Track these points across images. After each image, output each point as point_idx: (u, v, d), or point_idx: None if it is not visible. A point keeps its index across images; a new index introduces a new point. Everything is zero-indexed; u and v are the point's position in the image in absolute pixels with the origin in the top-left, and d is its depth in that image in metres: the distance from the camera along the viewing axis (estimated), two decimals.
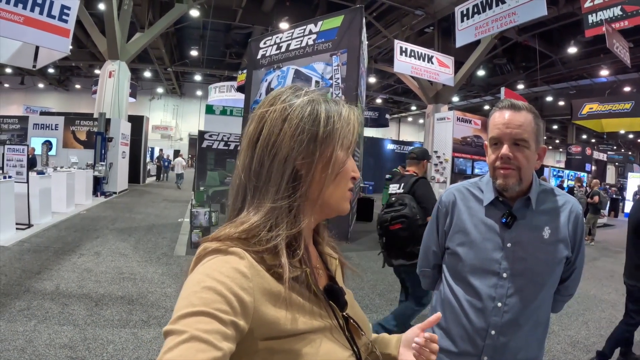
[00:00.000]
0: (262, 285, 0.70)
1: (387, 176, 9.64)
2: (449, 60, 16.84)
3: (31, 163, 10.11)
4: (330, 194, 0.81)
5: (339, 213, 0.86)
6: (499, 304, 1.47)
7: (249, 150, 0.81)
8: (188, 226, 8.37)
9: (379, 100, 33.05)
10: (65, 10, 10.85)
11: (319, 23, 8.58)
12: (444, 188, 15.01)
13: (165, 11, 17.94)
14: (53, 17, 10.56)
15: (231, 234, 0.75)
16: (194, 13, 17.57)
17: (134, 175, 19.25)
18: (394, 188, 3.87)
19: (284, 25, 16.68)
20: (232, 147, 12.93)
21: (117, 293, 5.04)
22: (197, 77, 33.46)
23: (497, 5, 11.47)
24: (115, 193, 15.43)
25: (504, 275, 1.48)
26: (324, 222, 0.94)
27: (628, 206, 21.29)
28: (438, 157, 15.03)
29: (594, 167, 26.05)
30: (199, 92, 38.40)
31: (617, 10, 8.71)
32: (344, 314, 0.85)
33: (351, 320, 0.86)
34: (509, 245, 1.49)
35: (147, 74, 32.75)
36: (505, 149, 1.45)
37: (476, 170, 15.53)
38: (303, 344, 0.73)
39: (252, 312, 0.68)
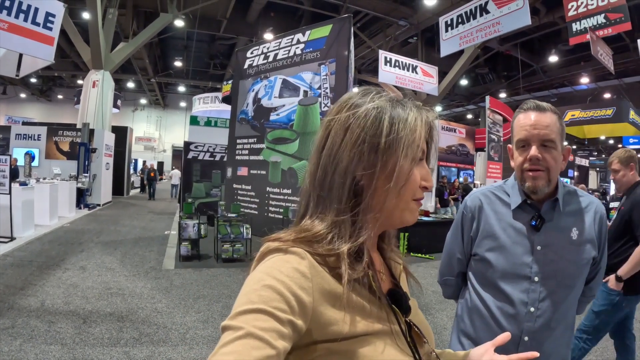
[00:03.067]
0: (322, 285, 0.70)
1: None
2: (433, 70, 16.99)
3: (13, 174, 9.88)
4: (394, 206, 0.78)
5: (403, 225, 0.83)
6: (532, 309, 1.45)
7: (315, 159, 0.81)
8: (175, 239, 8.26)
9: None
10: (50, 18, 10.70)
11: (307, 32, 8.57)
12: (429, 197, 15.11)
13: (149, 21, 17.87)
14: (37, 24, 10.40)
15: (294, 236, 0.75)
16: (179, 23, 17.52)
17: (118, 187, 18.98)
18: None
19: (268, 35, 16.69)
20: (217, 158, 12.84)
21: (106, 309, 4.89)
22: (181, 88, 33.31)
23: (481, 15, 11.60)
24: (99, 205, 15.18)
25: (535, 279, 1.46)
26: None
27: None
28: None
29: (576, 173, 26.44)
30: (182, 104, 38.23)
31: (600, 18, 8.86)
32: (407, 319, 0.83)
33: (414, 327, 0.84)
34: (538, 248, 1.47)
35: (131, 84, 32.49)
36: (534, 150, 1.44)
37: (460, 179, 15.63)
38: (362, 346, 0.71)
39: (311, 312, 0.67)
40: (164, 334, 4.29)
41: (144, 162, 28.08)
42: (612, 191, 16.97)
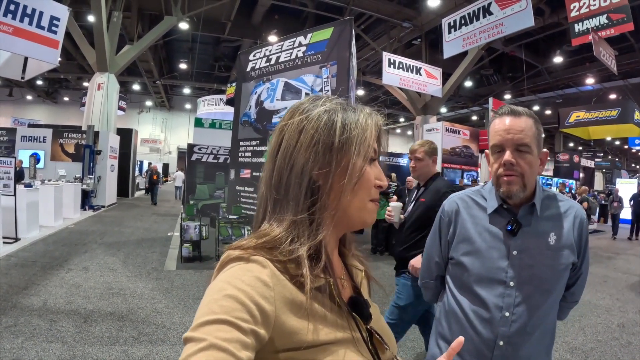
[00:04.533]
0: (284, 294, 0.70)
1: None
2: (437, 72, 16.97)
3: (18, 176, 9.98)
4: (348, 203, 0.80)
5: (362, 225, 0.85)
6: (507, 314, 1.45)
7: (270, 164, 0.82)
8: (178, 240, 8.30)
9: None
10: (55, 22, 10.81)
11: (309, 35, 8.60)
12: None
13: (154, 24, 17.98)
14: (42, 27, 10.51)
15: (254, 243, 0.75)
16: (183, 26, 17.60)
17: (123, 189, 19.11)
18: None
19: (272, 38, 16.76)
20: (221, 160, 12.91)
21: (107, 309, 4.96)
22: (186, 90, 33.42)
23: (484, 16, 11.58)
24: (103, 207, 15.30)
25: (511, 283, 1.46)
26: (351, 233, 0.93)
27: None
28: None
29: (582, 174, 26.33)
30: (187, 105, 38.35)
31: (603, 19, 8.83)
32: (368, 326, 0.84)
33: (375, 334, 0.85)
34: (514, 252, 1.47)
35: (136, 86, 32.63)
36: (507, 155, 1.44)
37: (465, 181, 15.63)
38: (324, 355, 0.71)
39: (273, 321, 0.67)
40: (163, 333, 4.35)
41: (150, 163, 28.23)
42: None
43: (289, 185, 0.78)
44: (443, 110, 29.52)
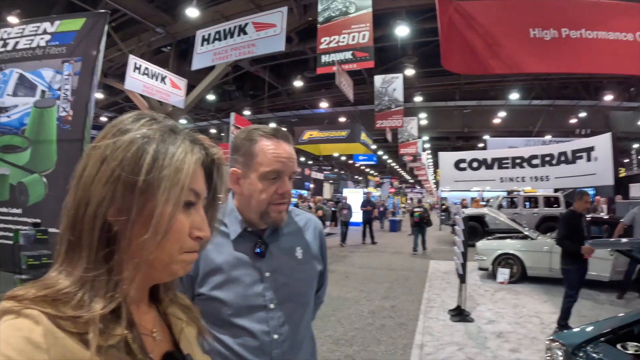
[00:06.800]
0: (63, 355, 0.57)
1: None
2: (182, 82, 16.76)
3: None
4: (155, 257, 0.66)
5: (172, 277, 0.73)
6: (275, 336, 1.40)
7: (72, 194, 0.66)
8: None
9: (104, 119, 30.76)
10: None
11: (56, 23, 7.50)
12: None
13: None
14: None
15: (32, 295, 0.59)
16: None
17: None
18: None
19: (12, 19, 14.18)
20: None
21: None
22: None
23: (238, 35, 11.97)
24: None
25: (271, 306, 1.41)
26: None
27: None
28: None
29: (312, 185, 29.49)
30: None
31: (348, 55, 10.02)
32: None
33: None
34: (267, 274, 1.43)
35: None
36: (289, 184, 1.44)
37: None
38: None
39: None
40: None
41: None
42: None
43: (83, 227, 0.63)
44: (183, 121, 29.44)
